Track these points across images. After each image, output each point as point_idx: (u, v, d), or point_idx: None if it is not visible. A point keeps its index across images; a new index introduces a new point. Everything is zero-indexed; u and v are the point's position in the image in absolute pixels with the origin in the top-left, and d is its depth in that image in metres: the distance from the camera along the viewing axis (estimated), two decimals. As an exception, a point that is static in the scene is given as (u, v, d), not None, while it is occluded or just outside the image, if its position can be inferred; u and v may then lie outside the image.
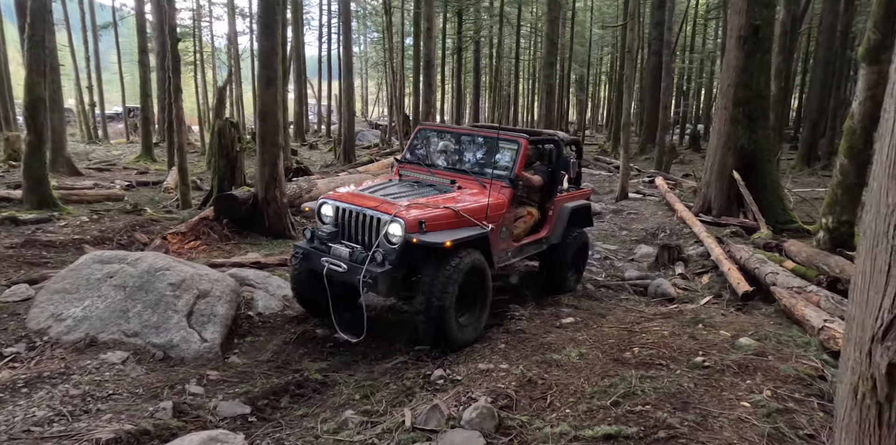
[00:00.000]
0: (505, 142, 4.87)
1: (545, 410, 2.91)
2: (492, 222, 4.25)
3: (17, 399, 3.12)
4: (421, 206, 4.01)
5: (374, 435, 2.83)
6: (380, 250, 3.83)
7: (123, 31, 28.97)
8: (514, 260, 4.89)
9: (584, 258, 5.98)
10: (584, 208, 5.74)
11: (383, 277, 3.76)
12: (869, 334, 1.10)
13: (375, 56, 38.11)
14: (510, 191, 4.62)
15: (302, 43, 21.18)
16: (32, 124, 8.44)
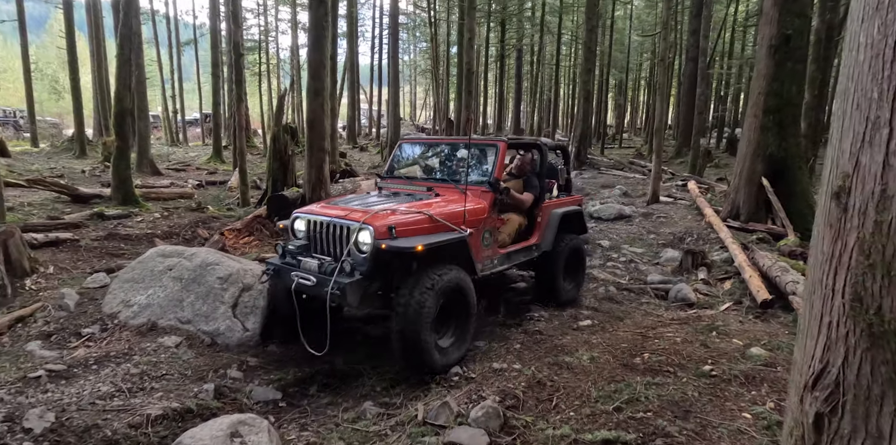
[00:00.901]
0: (484, 146, 4.55)
1: (550, 412, 2.85)
2: (471, 227, 3.82)
3: (88, 375, 3.32)
4: (392, 213, 3.62)
5: (388, 427, 2.85)
6: (349, 260, 3.38)
7: (202, 46, 30.30)
8: (500, 268, 4.38)
9: (581, 266, 5.44)
10: (576, 214, 5.32)
11: (352, 288, 3.28)
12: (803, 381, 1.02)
13: (423, 64, 38.29)
14: (491, 195, 4.19)
15: (356, 53, 21.52)
16: (119, 131, 8.97)
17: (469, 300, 3.75)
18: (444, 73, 23.60)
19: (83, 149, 17.38)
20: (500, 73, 27.02)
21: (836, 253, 1.02)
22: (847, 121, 1.07)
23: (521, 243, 4.67)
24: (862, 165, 1.02)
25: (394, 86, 15.55)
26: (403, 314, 3.28)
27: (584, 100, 15.93)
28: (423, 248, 3.29)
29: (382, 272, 3.56)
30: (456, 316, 3.72)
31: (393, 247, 3.26)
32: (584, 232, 5.59)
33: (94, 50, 20.40)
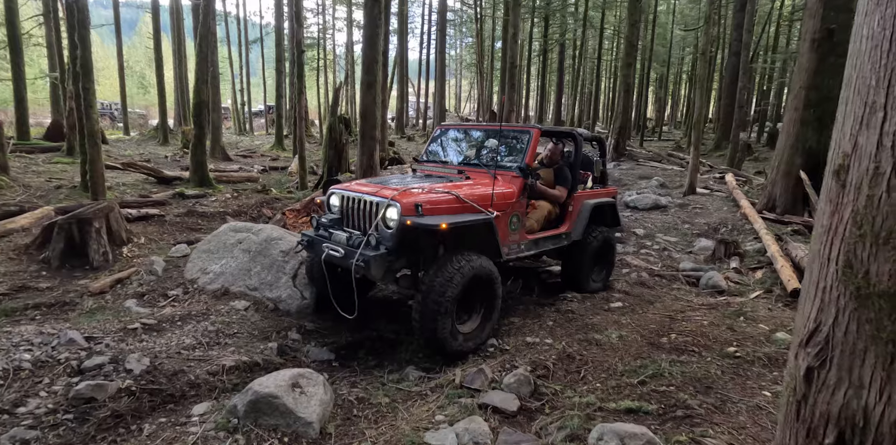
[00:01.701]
0: (517, 133, 4.38)
1: (578, 382, 2.89)
2: (498, 210, 3.68)
3: (174, 329, 3.61)
4: (421, 191, 3.51)
5: (428, 388, 2.97)
6: (374, 234, 3.34)
7: (268, 44, 31.10)
8: (527, 253, 4.22)
9: (611, 259, 5.15)
10: (609, 206, 5.03)
11: (376, 261, 3.23)
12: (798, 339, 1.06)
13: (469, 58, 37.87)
14: (520, 180, 4.02)
15: (406, 48, 21.55)
16: (197, 121, 9.44)
17: (495, 289, 3.60)
18: (488, 66, 23.31)
19: (166, 137, 18.39)
20: (543, 66, 26.39)
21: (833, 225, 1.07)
22: (849, 106, 1.11)
23: (550, 230, 4.49)
24: (859, 145, 1.06)
25: (440, 79, 15.51)
26: (425, 297, 3.20)
27: (624, 94, 15.39)
28: (448, 226, 3.16)
29: (409, 249, 3.48)
30: (481, 303, 3.61)
31: (418, 224, 3.16)
32: (617, 225, 5.28)
33: (175, 49, 21.38)
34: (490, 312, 3.63)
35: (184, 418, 2.56)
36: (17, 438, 2.29)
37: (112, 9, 19.92)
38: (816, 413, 1.03)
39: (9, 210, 6.17)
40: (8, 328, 3.61)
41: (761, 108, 22.92)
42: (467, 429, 2.39)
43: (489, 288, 3.56)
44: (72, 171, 9.77)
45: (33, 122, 15.85)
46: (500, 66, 19.40)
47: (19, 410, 2.51)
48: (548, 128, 4.52)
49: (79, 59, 6.82)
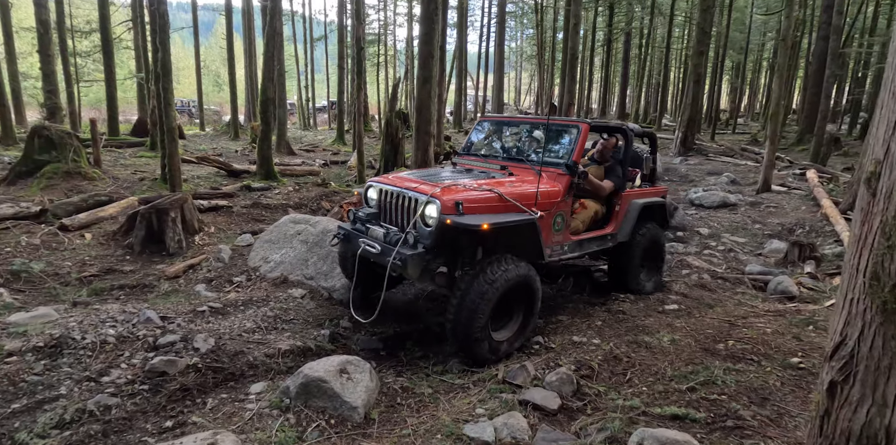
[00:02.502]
0: (564, 127, 4.11)
1: (623, 385, 2.83)
2: (542, 210, 3.48)
3: (237, 313, 3.89)
4: (462, 188, 3.33)
5: (470, 381, 3.03)
6: (412, 232, 3.22)
7: (331, 41, 32.16)
8: (571, 255, 4.00)
9: (660, 259, 4.91)
10: (659, 206, 4.79)
11: (413, 260, 3.09)
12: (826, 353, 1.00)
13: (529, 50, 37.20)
14: (567, 178, 3.78)
15: (465, 42, 21.53)
16: (264, 117, 9.99)
17: (534, 298, 3.44)
18: (548, 58, 22.81)
19: (236, 132, 19.59)
20: (607, 57, 25.45)
21: (863, 235, 1.01)
22: (884, 110, 1.04)
23: (595, 231, 4.27)
24: (892, 152, 0.99)
25: (499, 72, 15.39)
26: (460, 303, 3.07)
27: (694, 84, 14.54)
28: (490, 227, 3.01)
29: (447, 249, 3.33)
30: (518, 311, 3.47)
31: (458, 224, 3.00)
32: (666, 226, 5.05)
33: (246, 48, 22.62)
34: (527, 321, 3.48)
35: (242, 395, 2.78)
36: (101, 403, 2.59)
37: (191, 12, 21.40)
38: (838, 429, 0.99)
39: (100, 199, 6.87)
40: (97, 306, 4.05)
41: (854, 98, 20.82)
42: (506, 424, 2.42)
43: (529, 295, 3.41)
44: (153, 165, 10.67)
45: (122, 119, 17.44)
46: (562, 58, 18.92)
47: (103, 379, 2.83)
48: (597, 122, 4.26)
49: (160, 61, 7.43)
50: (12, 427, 2.40)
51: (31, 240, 5.42)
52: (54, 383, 2.78)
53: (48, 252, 5.29)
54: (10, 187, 7.49)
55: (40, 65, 13.29)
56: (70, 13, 17.83)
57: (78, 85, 17.29)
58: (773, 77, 25.37)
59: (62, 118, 13.48)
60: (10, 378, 2.78)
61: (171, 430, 2.47)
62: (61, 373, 2.86)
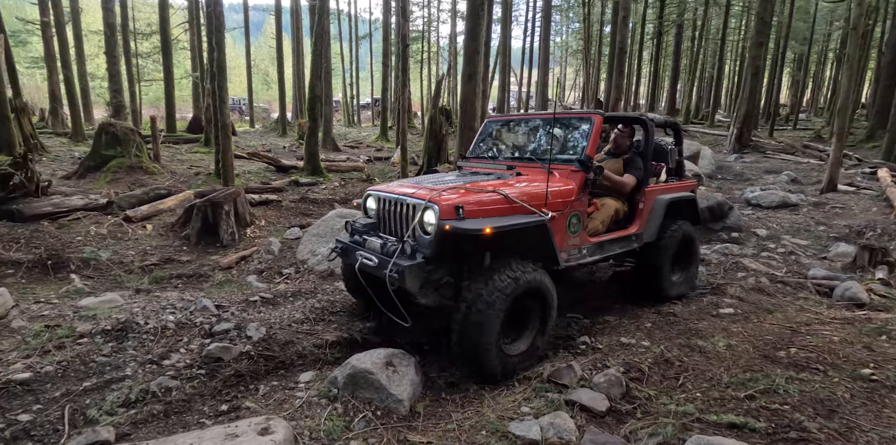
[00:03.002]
0: (575, 121, 3.77)
1: (675, 389, 2.73)
2: (554, 210, 3.18)
3: (286, 304, 4.02)
4: (463, 191, 3.06)
5: (516, 379, 3.00)
6: (409, 241, 2.94)
7: (376, 39, 32.61)
8: (591, 259, 3.62)
9: (694, 259, 4.54)
10: (687, 202, 4.44)
11: (411, 272, 2.80)
12: None
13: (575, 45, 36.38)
14: (581, 175, 3.46)
15: (509, 37, 21.29)
16: (311, 114, 10.26)
17: (548, 306, 3.14)
18: (595, 52, 22.24)
19: (284, 129, 20.22)
20: (657, 50, 24.52)
21: None
22: None
23: (617, 232, 3.90)
24: None
25: (543, 67, 15.14)
26: (466, 315, 2.78)
27: (751, 77, 13.79)
28: (493, 231, 2.70)
29: (451, 257, 3.04)
30: (532, 321, 3.17)
31: (458, 229, 2.69)
32: (697, 224, 4.67)
33: (294, 47, 23.29)
34: (543, 332, 3.20)
35: (292, 383, 2.87)
36: (162, 385, 2.74)
37: (242, 13, 22.22)
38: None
39: (159, 193, 7.27)
40: (158, 293, 4.29)
41: (935, 90, 19.12)
42: (552, 424, 2.39)
43: (543, 303, 3.12)
44: (208, 160, 11.18)
45: (178, 117, 18.36)
46: (609, 52, 18.39)
47: (164, 362, 2.99)
48: (612, 114, 3.93)
49: (215, 60, 7.75)
50: (84, 403, 2.57)
51: (99, 230, 5.80)
52: (120, 364, 2.96)
53: (114, 241, 5.65)
54: (81, 180, 8.03)
55: (107, 65, 14.16)
56: (133, 16, 18.91)
57: (139, 84, 18.32)
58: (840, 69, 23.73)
59: (126, 116, 14.35)
60: (82, 358, 2.99)
61: (227, 414, 2.58)
62: (126, 355, 3.04)
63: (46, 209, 5.82)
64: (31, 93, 25.10)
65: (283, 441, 2.16)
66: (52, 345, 3.07)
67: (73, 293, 4.27)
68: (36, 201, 5.84)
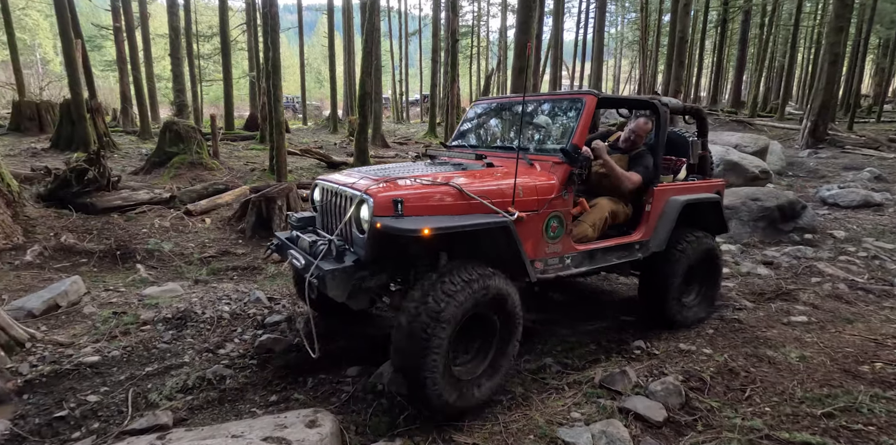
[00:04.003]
0: (565, 103, 3.18)
1: (740, 402, 2.55)
2: (527, 210, 2.65)
3: (333, 301, 4.09)
4: (409, 183, 2.54)
5: (565, 383, 2.90)
6: (336, 240, 2.46)
7: (425, 35, 32.80)
8: (576, 270, 3.00)
9: (714, 277, 3.80)
10: (711, 205, 3.69)
11: (334, 277, 2.34)
12: None
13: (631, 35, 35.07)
14: (564, 168, 2.85)
15: (561, 30, 20.78)
16: (361, 111, 10.44)
17: (512, 321, 2.57)
18: (653, 43, 21.33)
19: (335, 126, 20.75)
20: (720, 39, 23.18)
21: None
22: None
23: (615, 238, 3.27)
24: None
25: (597, 60, 14.68)
26: (408, 328, 2.24)
27: (829, 65, 12.75)
28: (433, 233, 2.18)
29: (396, 261, 2.57)
30: (489, 340, 2.61)
31: (389, 228, 2.21)
32: (723, 231, 3.99)
33: (345, 45, 23.81)
34: (503, 355, 2.62)
35: (339, 377, 2.91)
36: (217, 373, 2.85)
37: (297, 13, 22.97)
38: None
39: (218, 188, 7.62)
40: (214, 284, 4.49)
41: None
42: (604, 432, 2.29)
43: (505, 316, 2.55)
44: (263, 156, 11.63)
45: (236, 115, 19.22)
46: (668, 42, 17.59)
47: (220, 351, 3.12)
48: (613, 95, 3.30)
49: (270, 59, 8.02)
50: (146, 388, 2.72)
51: (163, 223, 6.15)
52: (179, 351, 3.12)
53: (175, 234, 5.97)
54: (147, 175, 8.57)
55: (171, 66, 15.02)
56: (196, 20, 19.97)
57: (201, 84, 19.33)
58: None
59: (188, 114, 15.19)
60: (145, 344, 3.16)
61: (276, 404, 2.65)
62: (185, 343, 3.20)
63: (116, 202, 6.24)
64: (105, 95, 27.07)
65: (329, 435, 2.18)
66: (119, 331, 3.27)
67: (138, 282, 4.55)
68: (107, 195, 6.28)
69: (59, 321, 3.52)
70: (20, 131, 12.71)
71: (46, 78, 30.82)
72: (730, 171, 8.37)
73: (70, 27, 10.42)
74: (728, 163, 8.42)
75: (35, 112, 12.94)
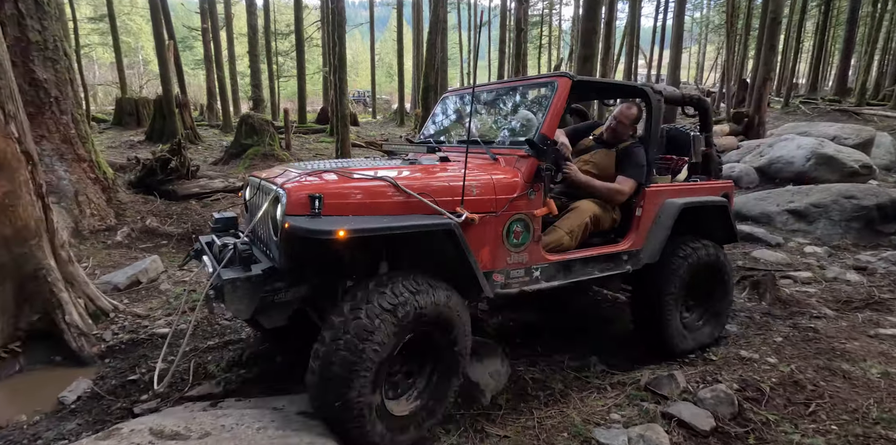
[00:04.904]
0: (534, 87, 2.81)
1: (802, 417, 2.35)
2: (482, 211, 2.27)
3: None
4: (335, 178, 2.14)
5: (609, 383, 2.82)
6: (239, 243, 2.05)
7: (494, 26, 32.49)
8: (548, 284, 2.56)
9: (723, 293, 3.26)
10: (715, 210, 3.19)
11: (233, 289, 1.94)
12: None
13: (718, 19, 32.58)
14: (531, 162, 2.45)
15: (638, 15, 19.75)
16: (424, 104, 10.61)
17: (457, 343, 2.19)
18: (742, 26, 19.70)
19: (402, 119, 21.21)
20: (824, 19, 20.93)
21: None
22: None
23: (598, 247, 2.81)
24: None
25: (676, 46, 13.82)
26: (331, 348, 1.86)
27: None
28: (349, 235, 1.80)
29: (319, 271, 2.19)
30: (430, 363, 2.22)
31: (298, 229, 1.83)
32: (731, 240, 3.44)
33: (415, 38, 24.17)
34: (445, 383, 2.22)
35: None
36: (269, 351, 3.05)
37: (369, 8, 23.62)
38: None
39: (287, 178, 8.08)
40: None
41: None
42: (643, 436, 2.20)
43: (447, 338, 2.16)
44: (331, 148, 12.15)
45: (310, 109, 20.19)
46: (759, 24, 16.17)
47: (274, 330, 3.31)
48: (592, 79, 2.85)
49: (337, 54, 8.34)
50: (206, 359, 2.98)
51: (234, 210, 6.64)
52: (238, 329, 3.37)
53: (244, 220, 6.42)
54: (224, 166, 9.26)
55: (249, 63, 16.04)
56: (274, 18, 21.14)
57: (278, 80, 20.47)
58: None
59: (264, 109, 16.17)
60: (209, 320, 3.45)
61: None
62: (243, 322, 3.44)
63: (194, 190, 6.81)
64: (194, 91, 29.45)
65: (362, 415, 2.27)
66: (188, 307, 3.59)
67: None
68: (187, 183, 6.86)
69: (139, 295, 3.93)
70: (121, 125, 14.18)
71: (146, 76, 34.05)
72: (822, 166, 7.61)
73: (163, 30, 11.43)
74: (821, 156, 7.65)
75: (134, 108, 14.37)
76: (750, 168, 8.29)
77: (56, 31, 4.98)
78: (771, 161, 8.15)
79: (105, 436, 1.82)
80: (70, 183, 5.16)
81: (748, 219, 6.44)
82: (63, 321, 3.11)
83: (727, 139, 10.67)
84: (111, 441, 1.77)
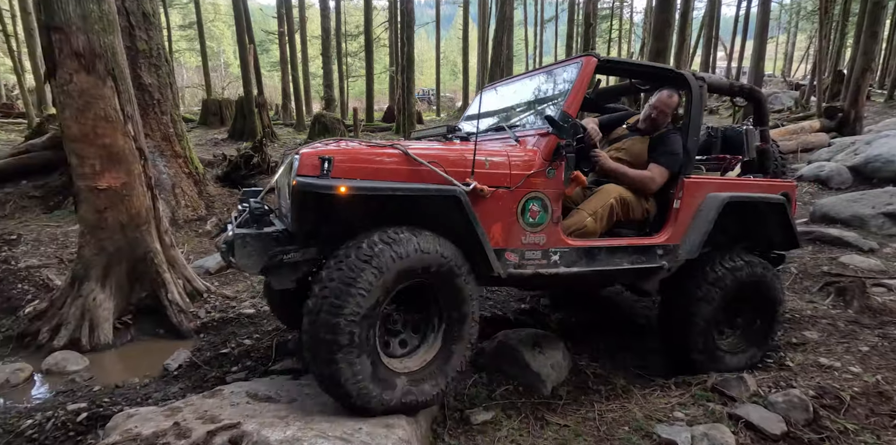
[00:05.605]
0: (564, 70, 2.69)
1: (885, 429, 2.24)
2: (495, 184, 2.22)
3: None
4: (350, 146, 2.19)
5: (672, 382, 2.80)
6: (257, 203, 2.25)
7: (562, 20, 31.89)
8: (567, 269, 2.43)
9: (770, 313, 2.97)
10: (773, 208, 2.90)
11: (242, 244, 2.07)
12: None
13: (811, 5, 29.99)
14: (550, 139, 2.37)
15: (718, 5, 18.66)
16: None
17: (459, 302, 2.16)
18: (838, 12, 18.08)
19: (464, 117, 21.42)
20: (941, 1, 18.71)
21: None
22: None
23: (628, 238, 2.68)
24: None
25: (760, 36, 12.97)
26: (320, 301, 1.84)
27: None
28: (349, 192, 1.86)
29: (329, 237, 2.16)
30: (434, 322, 2.21)
31: (304, 185, 1.88)
32: (793, 247, 3.16)
33: (480, 36, 24.25)
34: (452, 341, 2.19)
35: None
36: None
37: (435, 7, 24.00)
38: None
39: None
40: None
41: None
42: (707, 435, 2.20)
43: (449, 295, 2.13)
44: (396, 146, 12.54)
45: (377, 108, 20.88)
46: (859, 9, 14.80)
47: (346, 315, 3.57)
48: (622, 59, 2.76)
49: (405, 54, 8.62)
50: (286, 337, 3.27)
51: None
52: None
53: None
54: (299, 163, 9.84)
55: (322, 64, 16.85)
56: (344, 20, 22.03)
57: (347, 80, 21.33)
58: None
59: (334, 108, 16.94)
60: (288, 303, 3.76)
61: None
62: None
63: (274, 185, 7.33)
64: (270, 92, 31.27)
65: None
66: (270, 291, 3.94)
67: (286, 253, 5.36)
68: (267, 178, 7.41)
69: (227, 279, 4.35)
70: (206, 125, 15.41)
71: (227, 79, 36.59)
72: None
73: (245, 34, 12.30)
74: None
75: (217, 108, 15.56)
76: (842, 167, 7.68)
77: (159, 40, 5.57)
78: (868, 159, 7.51)
79: (210, 395, 2.11)
80: (168, 176, 5.76)
81: (837, 221, 6.00)
82: (166, 298, 3.54)
83: (817, 136, 9.91)
84: (215, 399, 2.05)
